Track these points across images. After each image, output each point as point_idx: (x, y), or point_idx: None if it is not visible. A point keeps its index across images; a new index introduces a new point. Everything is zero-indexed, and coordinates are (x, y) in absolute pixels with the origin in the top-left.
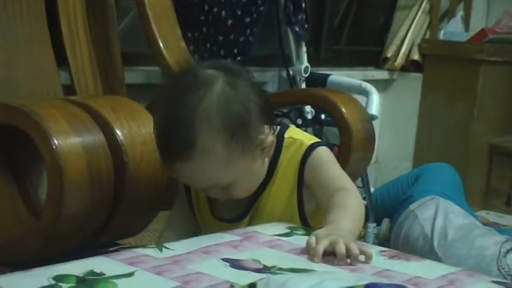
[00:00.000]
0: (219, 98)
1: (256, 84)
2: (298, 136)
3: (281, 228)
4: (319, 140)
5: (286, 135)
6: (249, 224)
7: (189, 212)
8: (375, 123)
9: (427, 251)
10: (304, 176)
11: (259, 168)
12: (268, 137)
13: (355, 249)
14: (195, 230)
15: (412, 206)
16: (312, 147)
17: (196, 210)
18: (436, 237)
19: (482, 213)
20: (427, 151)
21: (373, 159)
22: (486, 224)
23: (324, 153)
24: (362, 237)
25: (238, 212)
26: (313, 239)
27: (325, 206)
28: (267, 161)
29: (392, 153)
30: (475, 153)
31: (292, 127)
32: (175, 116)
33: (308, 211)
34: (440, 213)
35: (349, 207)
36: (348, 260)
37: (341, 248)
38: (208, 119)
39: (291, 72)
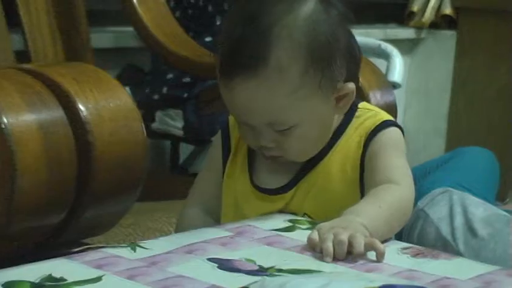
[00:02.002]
0: (309, 16)
1: (347, 19)
2: (373, 108)
3: (281, 221)
4: (394, 120)
5: (360, 106)
6: (293, 200)
7: (220, 181)
8: (399, 92)
9: None
10: (366, 153)
11: (328, 123)
12: (349, 83)
13: (358, 244)
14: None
15: (421, 203)
16: (387, 123)
17: (228, 178)
18: (461, 240)
19: None
20: (463, 125)
21: None
22: None
23: (395, 136)
24: None
25: (284, 180)
26: (314, 235)
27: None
28: (336, 121)
29: (421, 128)
30: None
31: (366, 103)
32: (254, 22)
33: None
34: (457, 209)
35: (382, 201)
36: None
37: (340, 239)
38: (291, 33)
39: None
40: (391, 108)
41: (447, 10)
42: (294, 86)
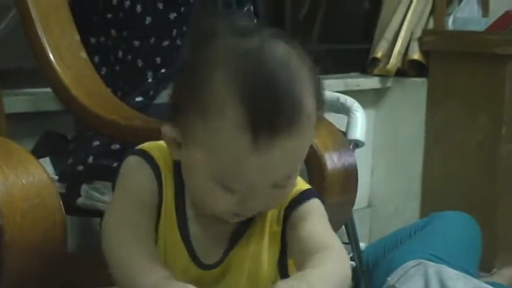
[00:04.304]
0: (303, 61)
1: None
2: None
3: None
4: (313, 189)
5: None
6: (222, 275)
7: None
8: (364, 151)
9: None
10: (287, 228)
11: None
12: None
13: None
14: None
15: (391, 279)
16: (306, 194)
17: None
18: None
19: None
20: (439, 186)
21: (365, 203)
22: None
23: (319, 208)
24: None
25: (219, 253)
26: None
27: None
28: None
29: (392, 192)
30: (507, 184)
31: None
32: (277, 75)
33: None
34: (433, 285)
35: (327, 266)
36: None
37: None
38: (306, 73)
39: None
40: (350, 171)
41: (415, 55)
42: (313, 127)
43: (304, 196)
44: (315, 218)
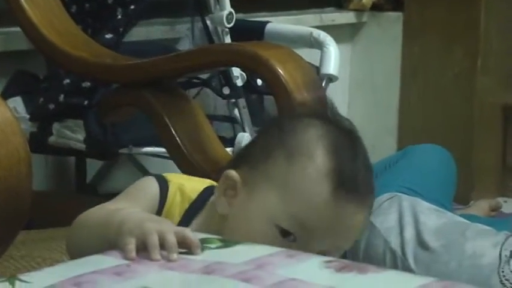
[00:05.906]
0: None
1: None
2: None
3: None
4: None
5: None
6: None
7: None
8: (341, 86)
9: None
10: None
11: None
12: None
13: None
14: None
15: None
16: None
17: None
18: (411, 254)
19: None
20: (416, 121)
21: None
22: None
23: None
24: None
25: None
26: None
27: None
28: None
29: (368, 127)
30: (483, 117)
31: None
32: (363, 157)
33: None
34: (407, 219)
35: None
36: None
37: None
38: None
39: (208, 23)
40: (322, 104)
41: None
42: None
43: None
44: None
